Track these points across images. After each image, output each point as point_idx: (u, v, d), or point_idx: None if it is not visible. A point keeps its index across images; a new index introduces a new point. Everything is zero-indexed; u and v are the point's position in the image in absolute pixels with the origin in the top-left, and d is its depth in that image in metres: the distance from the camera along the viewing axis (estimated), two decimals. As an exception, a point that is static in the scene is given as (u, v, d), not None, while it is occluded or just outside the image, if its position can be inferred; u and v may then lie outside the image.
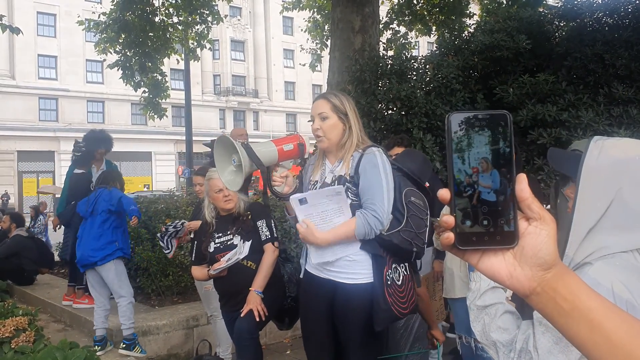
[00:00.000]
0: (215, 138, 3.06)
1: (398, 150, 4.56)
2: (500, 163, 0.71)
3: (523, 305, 1.56)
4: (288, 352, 5.46)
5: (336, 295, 2.73)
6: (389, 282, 2.65)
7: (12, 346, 3.85)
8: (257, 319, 3.35)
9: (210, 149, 7.84)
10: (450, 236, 0.71)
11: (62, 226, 6.48)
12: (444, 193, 0.72)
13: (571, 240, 1.32)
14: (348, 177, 2.71)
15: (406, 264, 2.80)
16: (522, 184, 0.70)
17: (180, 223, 4.88)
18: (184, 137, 18.19)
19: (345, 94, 2.94)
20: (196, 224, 4.39)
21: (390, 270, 2.69)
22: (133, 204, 5.11)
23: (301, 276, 2.97)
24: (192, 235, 4.74)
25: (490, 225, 0.71)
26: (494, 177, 0.71)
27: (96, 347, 4.83)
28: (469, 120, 0.72)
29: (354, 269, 2.69)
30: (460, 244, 0.71)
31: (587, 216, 1.29)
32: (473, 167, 0.71)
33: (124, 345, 4.87)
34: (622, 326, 0.69)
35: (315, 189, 2.79)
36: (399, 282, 2.71)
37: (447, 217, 0.71)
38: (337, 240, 2.61)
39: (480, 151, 0.71)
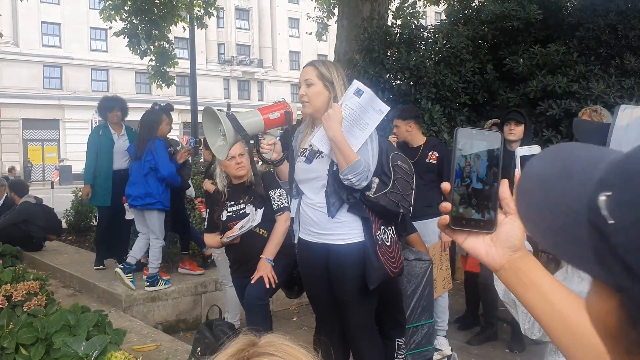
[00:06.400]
0: (219, 108, 3.10)
1: (397, 122, 4.59)
2: (491, 166, 0.91)
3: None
4: (295, 318, 5.54)
5: (329, 258, 2.83)
6: (379, 242, 2.76)
7: (25, 309, 3.91)
8: (267, 286, 3.39)
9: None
10: (446, 218, 0.91)
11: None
12: (446, 185, 0.92)
13: None
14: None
15: (392, 227, 2.91)
16: (504, 187, 0.92)
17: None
18: (188, 107, 18.09)
19: (336, 64, 2.98)
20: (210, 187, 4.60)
21: (379, 231, 2.80)
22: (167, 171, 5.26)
23: (295, 241, 3.07)
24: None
25: (478, 213, 0.91)
26: (484, 175, 0.91)
27: (123, 272, 5.16)
28: (472, 133, 0.93)
29: (344, 229, 2.78)
30: (454, 225, 0.91)
31: None
32: (472, 165, 0.91)
33: (148, 283, 5.22)
34: (563, 297, 0.87)
35: (304, 157, 2.88)
36: (388, 243, 2.83)
37: (445, 204, 0.91)
38: (340, 146, 2.62)
39: (478, 154, 0.92)
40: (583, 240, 0.45)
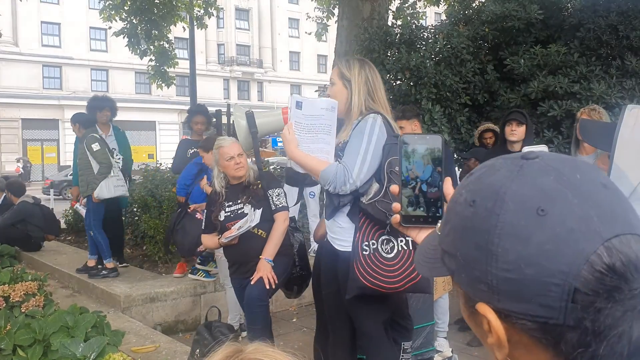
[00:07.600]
0: (219, 108, 3.24)
1: (401, 123, 4.54)
2: (435, 165, 0.99)
3: None
4: (294, 319, 5.51)
5: (338, 261, 2.80)
6: (365, 252, 2.61)
7: (23, 310, 3.89)
8: (267, 287, 3.37)
9: (214, 119, 7.83)
10: (397, 217, 1.01)
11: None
12: (394, 188, 1.02)
13: None
14: (341, 144, 2.73)
15: (407, 238, 2.66)
16: (448, 184, 0.99)
17: None
18: (188, 107, 18.07)
19: (361, 60, 2.86)
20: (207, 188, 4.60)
21: (372, 241, 2.63)
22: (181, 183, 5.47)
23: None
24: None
25: (425, 210, 1.00)
26: (429, 176, 0.99)
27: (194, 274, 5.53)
28: (414, 139, 1.02)
29: (342, 235, 2.73)
30: (404, 223, 1.01)
31: (621, 186, 1.27)
32: (417, 168, 1.00)
33: (200, 260, 5.46)
34: None
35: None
36: (390, 255, 2.63)
37: (395, 204, 1.01)
38: (304, 164, 2.63)
39: (421, 157, 1.00)
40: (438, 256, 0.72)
